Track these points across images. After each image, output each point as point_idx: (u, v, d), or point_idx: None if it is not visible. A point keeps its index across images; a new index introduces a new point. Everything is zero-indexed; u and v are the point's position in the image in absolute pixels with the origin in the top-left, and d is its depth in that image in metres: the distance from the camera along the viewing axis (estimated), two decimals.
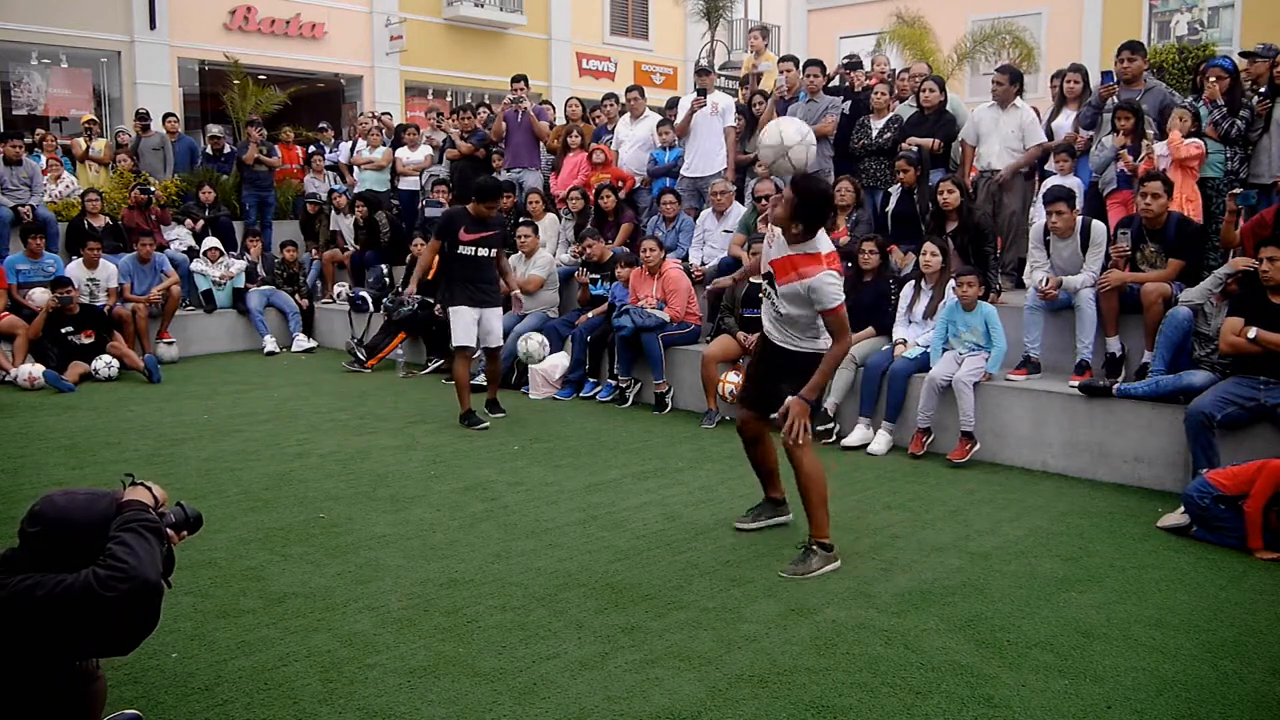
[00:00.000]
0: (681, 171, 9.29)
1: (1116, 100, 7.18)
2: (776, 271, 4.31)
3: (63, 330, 8.97)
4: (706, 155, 9.13)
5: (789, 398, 4.18)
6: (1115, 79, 7.30)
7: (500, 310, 7.36)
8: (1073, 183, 7.41)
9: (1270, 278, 5.13)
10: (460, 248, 7.03)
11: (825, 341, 4.30)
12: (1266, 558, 4.45)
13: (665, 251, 8.18)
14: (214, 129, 13.31)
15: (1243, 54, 7.37)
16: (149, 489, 2.68)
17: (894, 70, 9.90)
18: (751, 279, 4.42)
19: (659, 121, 9.62)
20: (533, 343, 7.84)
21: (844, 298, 4.15)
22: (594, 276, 8.73)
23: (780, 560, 4.35)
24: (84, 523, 2.51)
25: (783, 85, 9.09)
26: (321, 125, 14.73)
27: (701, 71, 9.48)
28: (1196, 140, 6.59)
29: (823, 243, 4.20)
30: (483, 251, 7.11)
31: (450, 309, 7.14)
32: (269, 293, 11.10)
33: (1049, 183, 7.46)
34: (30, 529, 2.48)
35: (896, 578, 4.16)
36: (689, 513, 5.08)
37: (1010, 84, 7.69)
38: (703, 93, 9.07)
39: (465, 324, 7.05)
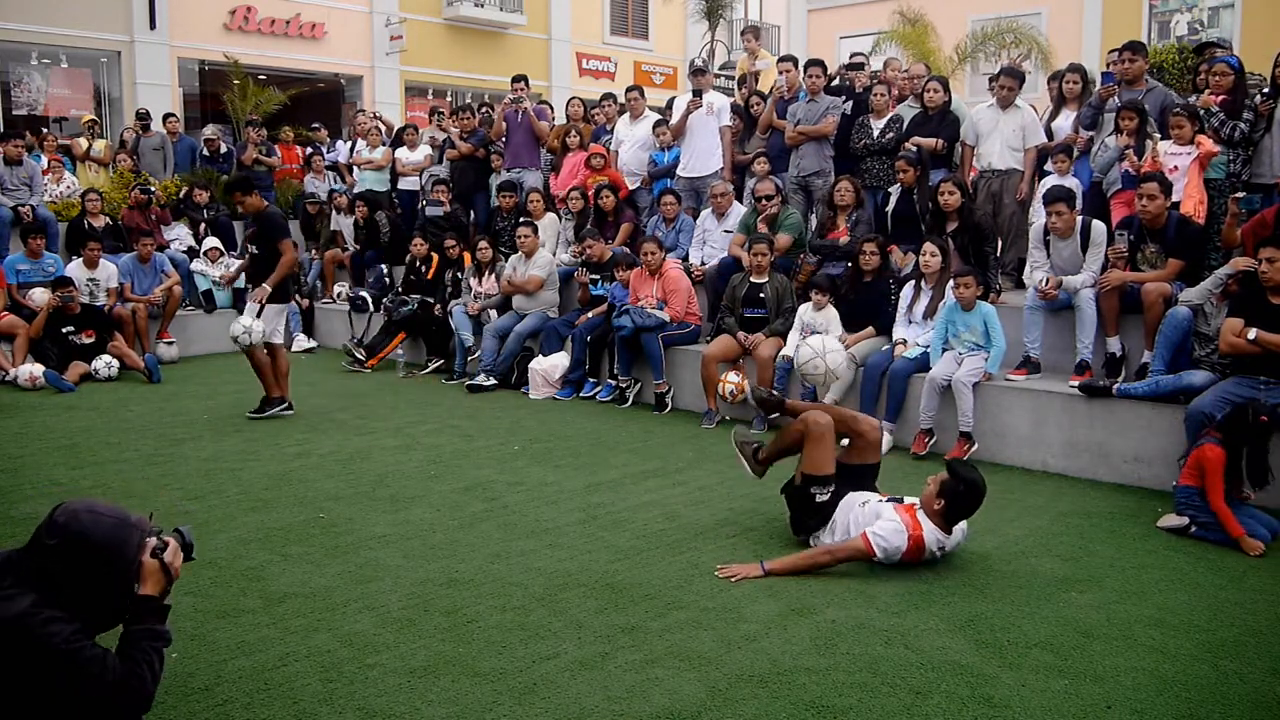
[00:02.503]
0: (678, 172, 9.28)
1: (1118, 101, 7.19)
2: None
3: (64, 330, 8.97)
4: (703, 155, 9.12)
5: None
6: (1115, 80, 7.31)
7: (266, 309, 7.23)
8: (1071, 183, 7.41)
9: (1270, 278, 5.12)
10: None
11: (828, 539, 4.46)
12: (1254, 551, 4.48)
13: (665, 252, 8.18)
14: (207, 130, 13.27)
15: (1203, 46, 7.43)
16: (164, 567, 2.63)
17: (905, 72, 9.86)
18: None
19: (655, 122, 9.62)
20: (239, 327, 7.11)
21: (879, 553, 4.17)
22: (594, 277, 8.73)
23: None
24: (102, 549, 2.48)
25: (782, 85, 9.09)
26: (315, 125, 14.70)
27: (697, 72, 9.47)
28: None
29: (927, 522, 4.22)
30: (250, 248, 7.37)
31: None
32: None
33: (1047, 182, 7.48)
34: (49, 541, 2.44)
35: (896, 578, 4.15)
36: (689, 513, 5.08)
37: (1018, 86, 7.71)
38: (698, 93, 9.07)
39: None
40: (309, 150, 13.54)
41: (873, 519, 4.28)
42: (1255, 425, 4.59)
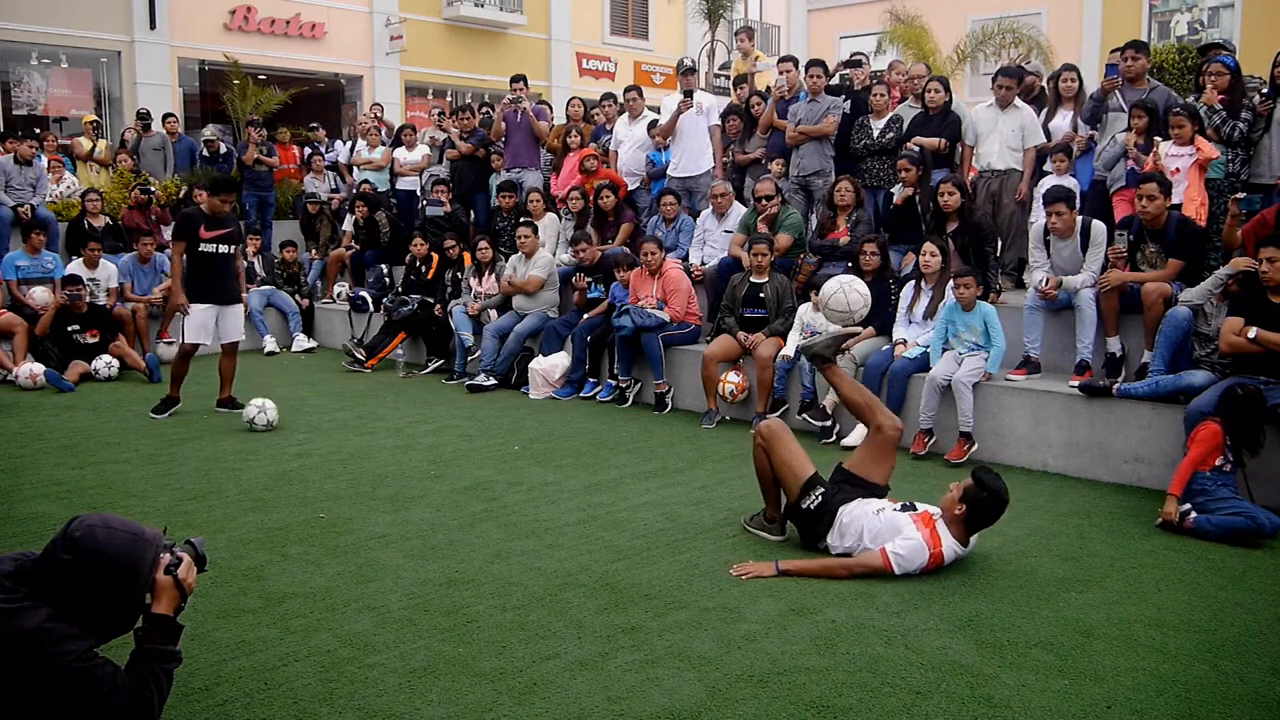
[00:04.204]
0: (669, 172, 9.29)
1: (1119, 97, 7.22)
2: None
3: (68, 329, 8.98)
4: (693, 155, 9.13)
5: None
6: (1119, 73, 7.33)
7: (240, 307, 7.48)
8: (1070, 183, 7.42)
9: (1270, 278, 5.13)
10: (201, 245, 7.15)
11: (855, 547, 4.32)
12: (1165, 516, 4.80)
13: (665, 252, 8.17)
14: (205, 132, 13.26)
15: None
16: (178, 584, 2.64)
17: (905, 74, 9.88)
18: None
19: (650, 123, 9.61)
20: (264, 415, 6.93)
21: (898, 570, 4.12)
22: (588, 280, 8.72)
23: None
24: (116, 565, 2.48)
25: (783, 85, 9.09)
26: (313, 125, 14.70)
27: (686, 71, 9.47)
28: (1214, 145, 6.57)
29: (946, 535, 4.18)
30: (222, 249, 7.22)
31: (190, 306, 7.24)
32: (269, 293, 11.10)
33: (1046, 182, 7.48)
34: (64, 556, 2.45)
35: (896, 578, 4.15)
36: (689, 513, 5.08)
37: (1016, 85, 7.72)
38: (688, 93, 9.07)
39: (199, 323, 7.22)
40: (308, 150, 13.54)
41: (890, 531, 4.19)
42: (1245, 397, 4.86)
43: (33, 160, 10.70)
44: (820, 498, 4.38)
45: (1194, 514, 4.74)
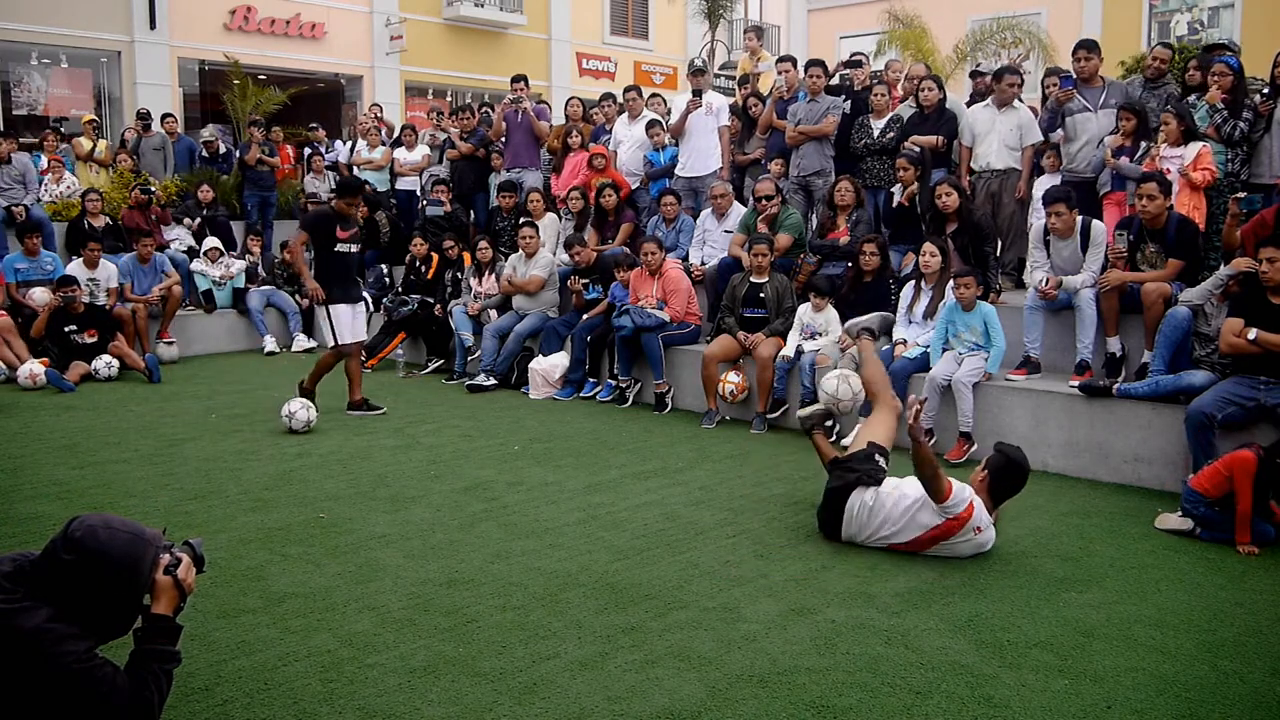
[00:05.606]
0: (676, 172, 9.28)
1: (1081, 98, 7.31)
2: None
3: (66, 329, 8.97)
4: (701, 155, 9.13)
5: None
6: (1074, 83, 7.38)
7: (364, 306, 7.60)
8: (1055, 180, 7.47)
9: (1270, 278, 5.12)
10: (337, 245, 7.23)
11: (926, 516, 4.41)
12: (1248, 551, 4.51)
13: (665, 252, 8.17)
14: (204, 132, 13.25)
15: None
16: (177, 584, 2.64)
17: (904, 73, 9.89)
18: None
19: (649, 123, 9.59)
20: (307, 411, 6.91)
21: (954, 497, 4.31)
22: (584, 281, 8.72)
23: (780, 560, 4.36)
24: (117, 566, 2.48)
25: (782, 85, 9.09)
26: (313, 125, 14.69)
27: (696, 72, 9.48)
28: (1210, 153, 6.54)
29: (977, 499, 4.41)
30: (354, 248, 7.41)
31: (331, 308, 7.24)
32: (269, 293, 11.10)
33: (1044, 181, 7.50)
34: (65, 556, 2.44)
35: (896, 578, 4.15)
36: (689, 513, 5.08)
37: (1019, 84, 7.75)
38: (698, 93, 9.07)
39: (350, 321, 7.32)
40: (306, 150, 13.53)
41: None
42: None
43: (11, 158, 10.61)
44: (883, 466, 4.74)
45: (1200, 530, 4.72)
